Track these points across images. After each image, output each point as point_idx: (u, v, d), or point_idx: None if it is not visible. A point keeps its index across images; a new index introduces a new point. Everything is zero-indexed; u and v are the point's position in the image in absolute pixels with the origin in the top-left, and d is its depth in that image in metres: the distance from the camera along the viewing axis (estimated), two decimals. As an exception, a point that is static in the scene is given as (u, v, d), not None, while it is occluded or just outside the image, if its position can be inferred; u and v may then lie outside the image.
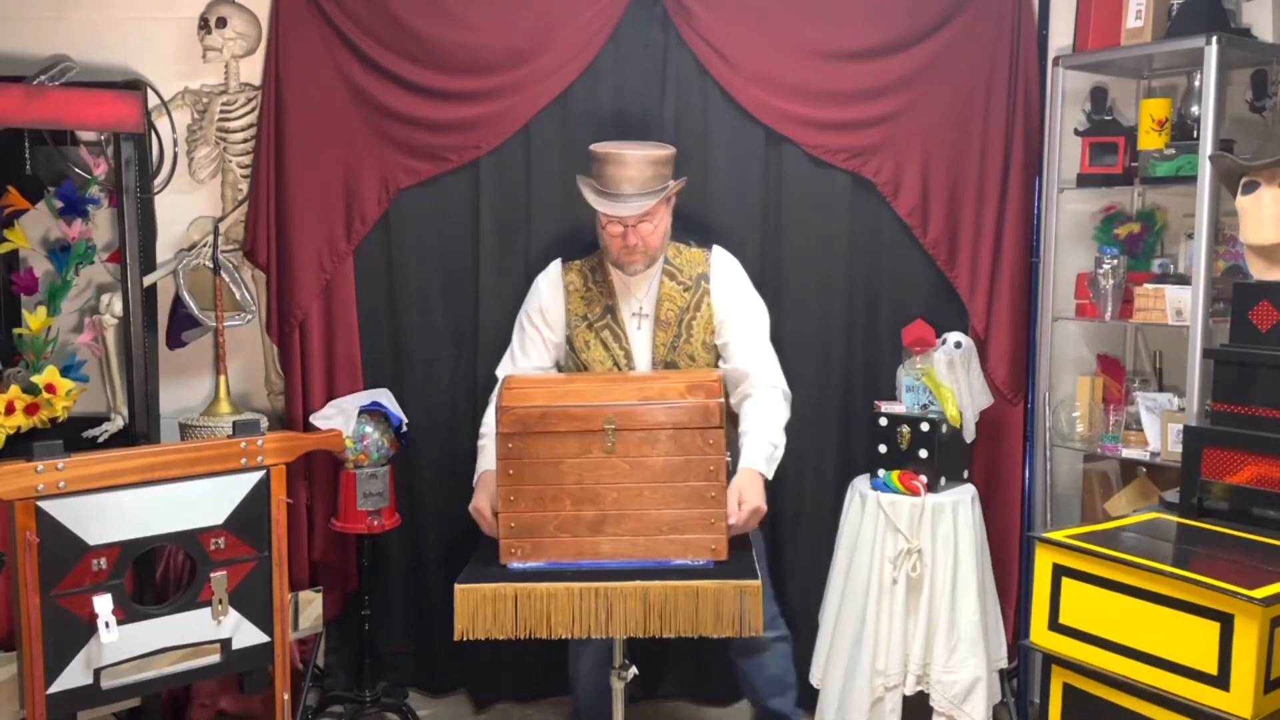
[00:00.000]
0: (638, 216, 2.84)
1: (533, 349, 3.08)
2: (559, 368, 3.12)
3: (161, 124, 3.39)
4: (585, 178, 2.96)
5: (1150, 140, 3.16)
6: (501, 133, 3.41)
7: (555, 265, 3.09)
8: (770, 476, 2.81)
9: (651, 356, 2.96)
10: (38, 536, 2.34)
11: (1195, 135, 3.03)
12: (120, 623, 2.44)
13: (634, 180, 2.83)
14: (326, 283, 3.45)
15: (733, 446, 2.85)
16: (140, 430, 3.06)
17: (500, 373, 3.11)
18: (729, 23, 3.34)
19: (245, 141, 3.46)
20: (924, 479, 3.14)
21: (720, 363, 2.99)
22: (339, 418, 3.24)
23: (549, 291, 3.06)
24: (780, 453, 2.85)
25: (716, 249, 3.02)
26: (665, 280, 2.97)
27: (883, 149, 3.40)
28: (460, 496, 3.55)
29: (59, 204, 3.30)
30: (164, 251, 3.48)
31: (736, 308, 2.97)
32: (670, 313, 2.96)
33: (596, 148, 2.91)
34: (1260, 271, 2.56)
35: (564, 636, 2.49)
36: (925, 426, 3.16)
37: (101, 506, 2.45)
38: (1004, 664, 3.37)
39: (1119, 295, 3.23)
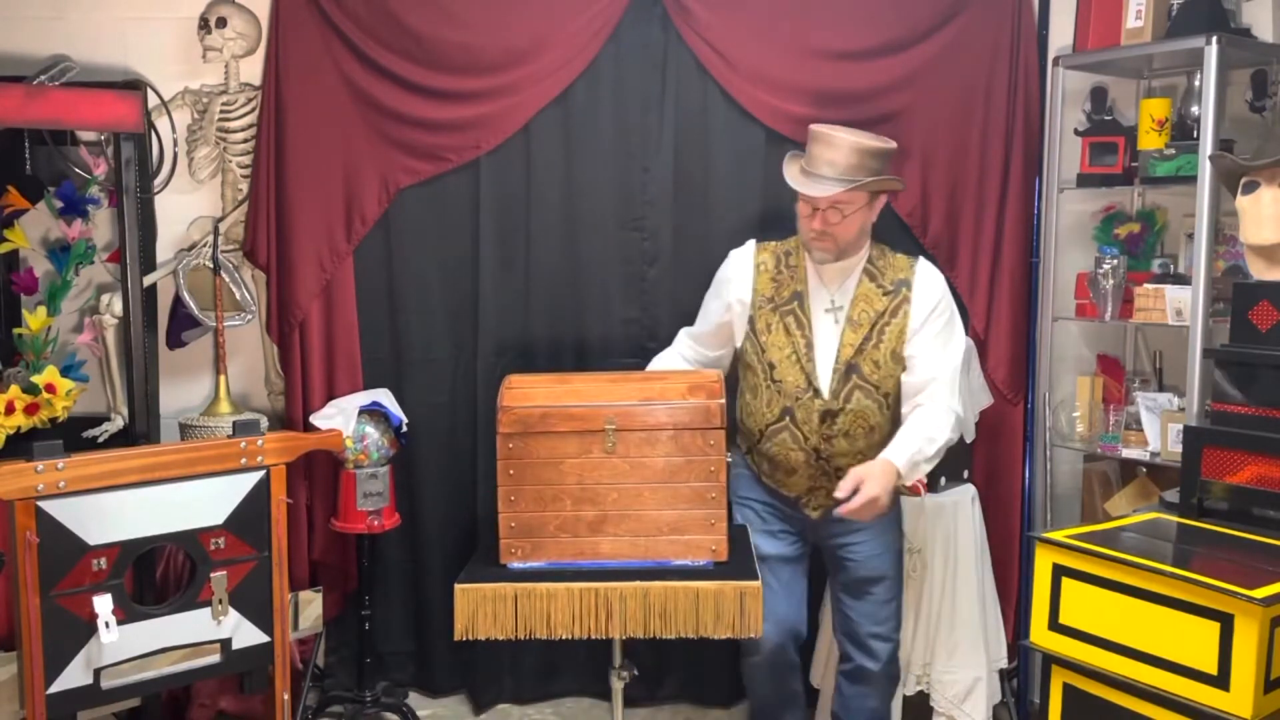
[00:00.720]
0: (829, 200, 2.67)
1: (705, 323, 2.98)
2: (736, 353, 2.94)
3: (161, 124, 3.39)
4: (796, 154, 2.83)
5: (1150, 140, 3.16)
6: (501, 133, 3.41)
7: (750, 244, 2.93)
8: (907, 482, 2.72)
9: (837, 355, 2.77)
10: (38, 536, 2.34)
11: (1195, 135, 3.03)
12: (120, 623, 2.44)
13: (835, 164, 2.66)
14: (326, 283, 3.45)
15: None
16: (140, 430, 3.05)
17: (678, 338, 3.10)
18: (729, 23, 3.34)
19: (245, 141, 3.45)
20: (924, 479, 3.13)
21: (905, 375, 2.79)
22: (339, 418, 3.24)
23: (736, 267, 2.90)
24: (928, 466, 2.72)
25: (923, 260, 2.86)
26: (865, 280, 2.80)
27: (883, 149, 3.40)
28: (460, 496, 3.57)
29: (59, 204, 3.30)
30: (164, 251, 3.48)
31: (933, 321, 2.77)
32: (864, 314, 2.77)
33: (814, 126, 2.77)
34: (1260, 271, 2.55)
35: (564, 637, 2.49)
36: (925, 426, 3.16)
37: (101, 506, 2.45)
38: (1004, 664, 3.37)
39: (1119, 295, 3.23)
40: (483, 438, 3.50)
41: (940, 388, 2.75)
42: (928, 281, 2.81)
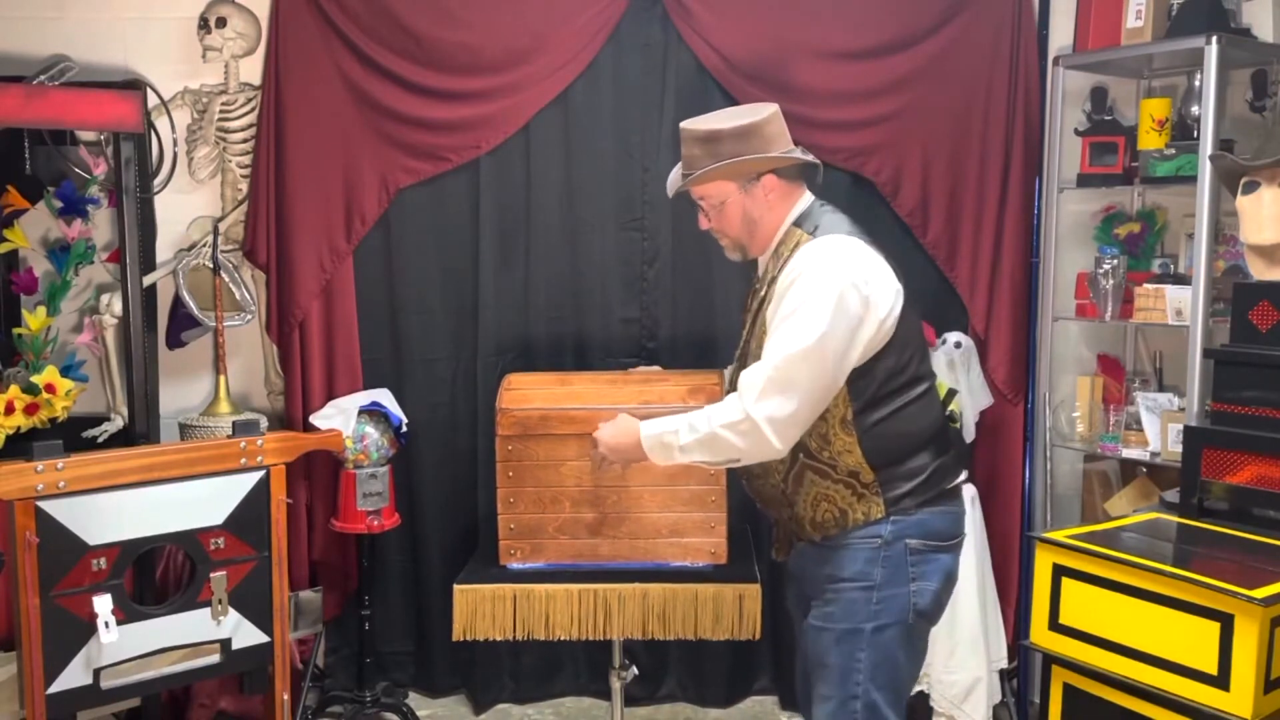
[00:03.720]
0: (696, 196, 2.29)
1: None
2: None
3: (161, 124, 3.39)
4: None
5: (1150, 140, 3.15)
6: (501, 133, 3.41)
7: None
8: (654, 459, 2.21)
9: (740, 340, 2.34)
10: (38, 536, 2.34)
11: (1195, 135, 3.03)
12: (120, 623, 2.44)
13: (685, 159, 2.27)
14: (326, 283, 3.44)
15: None
16: (140, 430, 3.05)
17: None
18: (729, 23, 3.34)
19: (245, 141, 3.45)
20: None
21: None
22: (339, 418, 3.24)
23: None
24: (681, 455, 2.16)
25: (828, 238, 2.16)
26: (770, 260, 2.25)
27: (883, 149, 3.40)
28: (460, 496, 3.57)
29: (59, 204, 3.30)
30: (164, 251, 3.48)
31: (788, 298, 2.10)
32: (751, 304, 2.29)
33: None
34: (1260, 271, 2.56)
35: (563, 638, 2.49)
36: (925, 426, 3.15)
37: (101, 506, 2.45)
38: (1004, 664, 3.37)
39: (1119, 295, 3.22)
40: (483, 438, 3.50)
41: (749, 380, 2.10)
42: (804, 255, 2.13)
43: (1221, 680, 2.00)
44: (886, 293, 2.12)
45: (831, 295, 2.05)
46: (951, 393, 3.23)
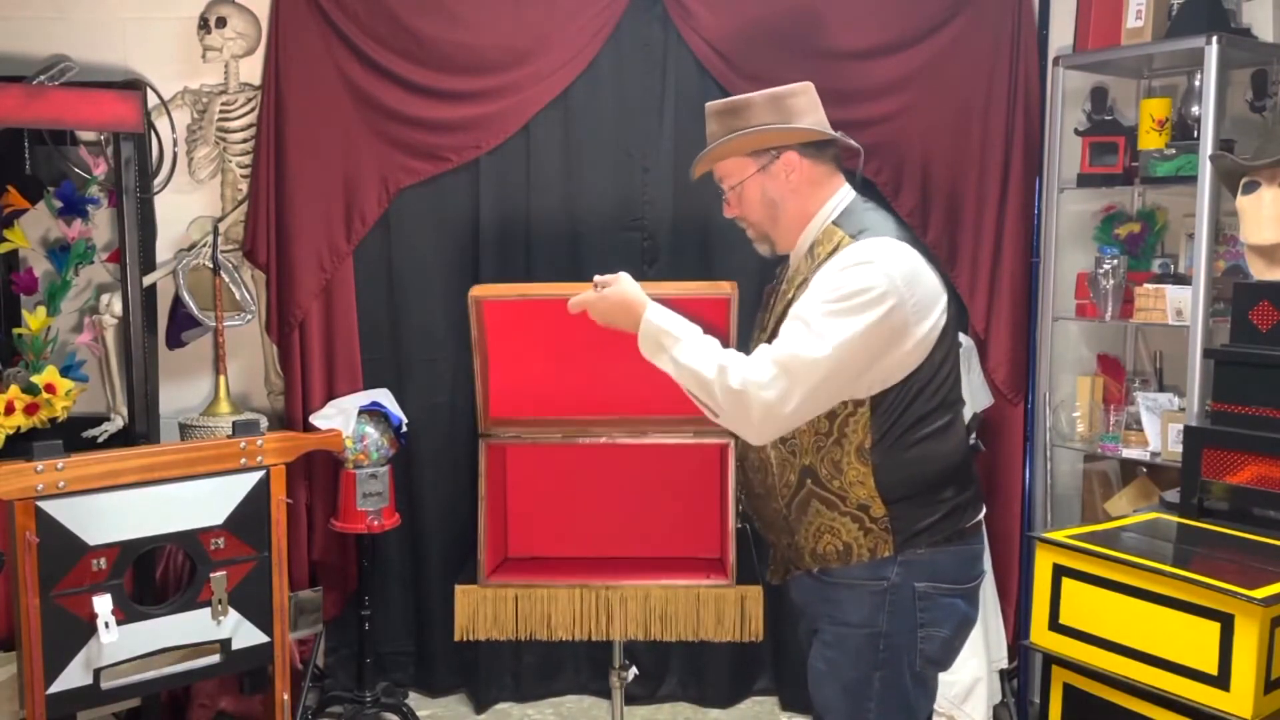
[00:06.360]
0: (718, 179, 2.17)
1: None
2: None
3: (161, 124, 3.39)
4: None
5: (1150, 140, 3.16)
6: (501, 133, 3.41)
7: None
8: (640, 338, 2.00)
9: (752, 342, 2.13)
10: (38, 536, 2.34)
11: (1195, 135, 3.03)
12: (120, 623, 2.44)
13: (707, 138, 2.15)
14: (326, 283, 3.45)
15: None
16: (140, 430, 3.05)
17: None
18: (729, 23, 3.34)
19: (245, 141, 3.46)
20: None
21: None
22: (339, 418, 3.24)
23: None
24: (670, 363, 1.95)
25: (875, 240, 1.95)
26: (803, 261, 2.05)
27: (882, 149, 3.40)
28: (460, 496, 3.57)
29: (59, 204, 3.30)
30: (164, 251, 3.48)
31: (822, 285, 1.91)
32: (777, 305, 2.07)
33: None
34: (1260, 271, 2.55)
35: (564, 638, 2.49)
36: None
37: (101, 506, 2.44)
38: (1004, 664, 3.37)
39: (1119, 295, 3.23)
40: (483, 438, 3.50)
41: (770, 355, 1.89)
42: (850, 254, 1.93)
43: (1221, 680, 2.00)
44: (935, 304, 1.94)
45: (876, 302, 1.85)
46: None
